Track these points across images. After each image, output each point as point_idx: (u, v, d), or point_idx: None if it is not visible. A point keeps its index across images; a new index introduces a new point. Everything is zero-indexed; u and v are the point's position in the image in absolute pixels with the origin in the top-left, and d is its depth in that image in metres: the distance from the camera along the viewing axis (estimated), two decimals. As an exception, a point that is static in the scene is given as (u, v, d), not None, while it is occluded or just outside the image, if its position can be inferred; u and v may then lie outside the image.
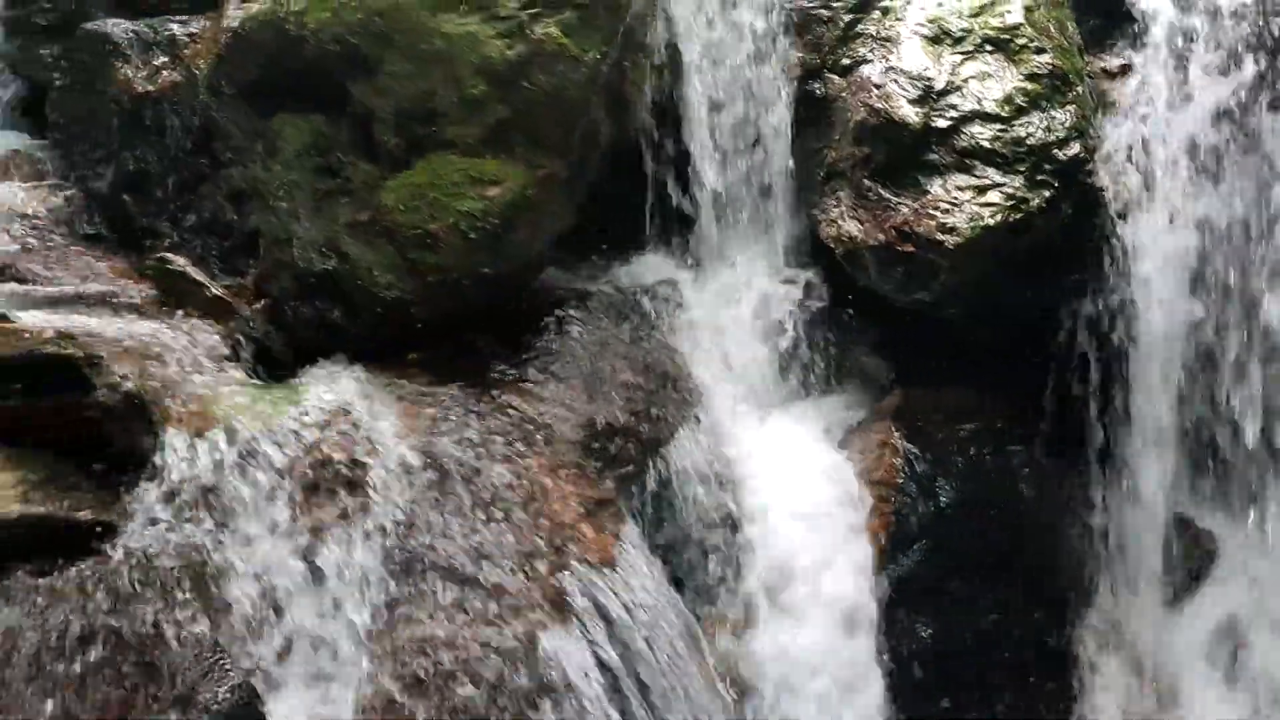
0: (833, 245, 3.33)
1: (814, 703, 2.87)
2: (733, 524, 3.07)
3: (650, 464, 3.02)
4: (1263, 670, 3.05)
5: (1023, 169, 3.03)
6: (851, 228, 3.27)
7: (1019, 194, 3.01)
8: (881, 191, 3.21)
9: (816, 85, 3.45)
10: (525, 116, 2.98)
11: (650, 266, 3.58)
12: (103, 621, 2.13)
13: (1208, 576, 3.11)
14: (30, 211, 3.39)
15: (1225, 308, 2.98)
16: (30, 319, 2.46)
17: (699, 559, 3.03)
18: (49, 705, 2.04)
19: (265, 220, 3.05)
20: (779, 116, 3.53)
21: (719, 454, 3.18)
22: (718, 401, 3.30)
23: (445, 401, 2.86)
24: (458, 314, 3.07)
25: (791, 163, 3.51)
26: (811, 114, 3.47)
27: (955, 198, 3.05)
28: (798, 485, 3.16)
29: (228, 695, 2.10)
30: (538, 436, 2.89)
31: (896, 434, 3.15)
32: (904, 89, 3.17)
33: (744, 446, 3.24)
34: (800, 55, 3.50)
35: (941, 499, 3.06)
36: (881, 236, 3.16)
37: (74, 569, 2.20)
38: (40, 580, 2.17)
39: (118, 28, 3.42)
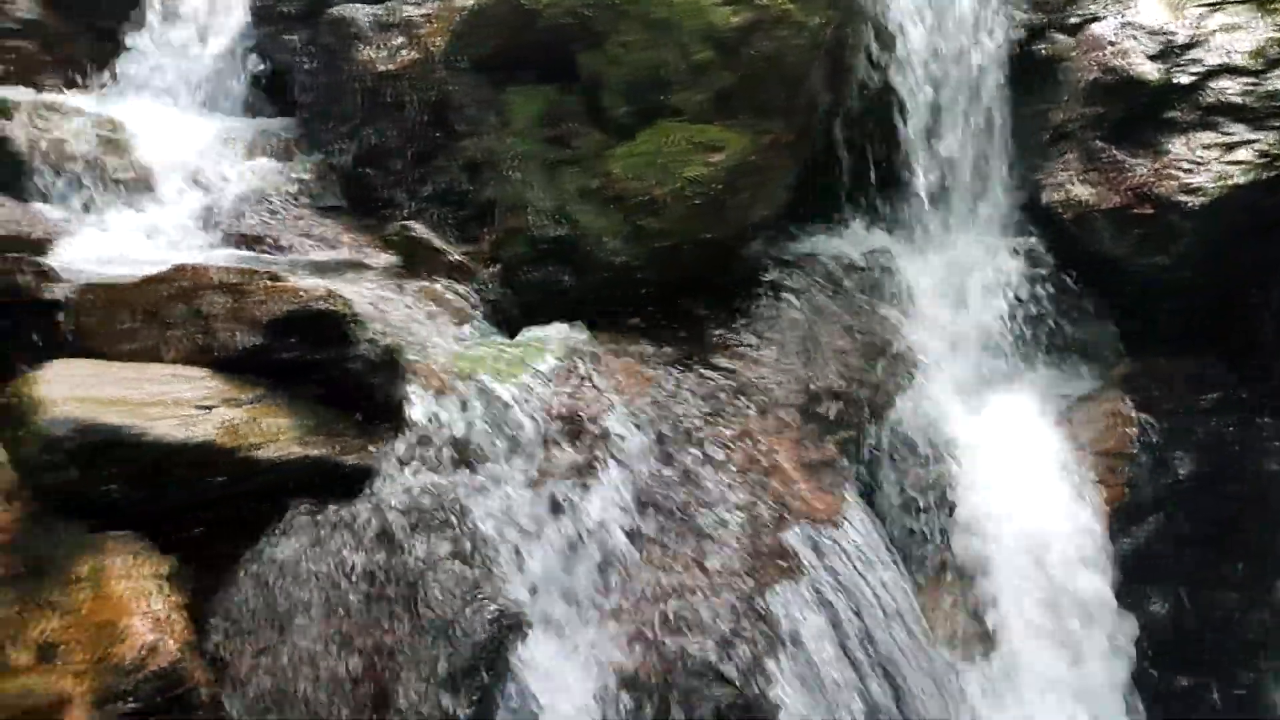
0: (1060, 210, 3.25)
1: (1036, 672, 2.81)
2: (951, 492, 3.04)
3: (868, 429, 3.02)
4: None
5: (1277, 124, 2.87)
6: (1082, 191, 3.18)
7: (1273, 150, 2.85)
8: (1115, 152, 3.11)
9: (1041, 46, 3.36)
10: (749, 83, 3.02)
11: (863, 236, 3.57)
12: (371, 554, 2.29)
13: None
14: (280, 186, 3.65)
15: None
16: (299, 280, 2.66)
17: (916, 524, 3.01)
18: (327, 626, 2.21)
19: (499, 189, 3.19)
20: (999, 79, 3.46)
21: (937, 422, 3.15)
22: (934, 370, 3.27)
23: (666, 363, 2.95)
24: (676, 279, 3.14)
25: (1012, 127, 3.43)
26: (1034, 76, 3.38)
27: (1199, 156, 2.92)
28: (1019, 455, 3.10)
29: (485, 627, 2.23)
30: (757, 399, 2.94)
31: (1128, 403, 3.05)
32: (1142, 45, 3.05)
33: (962, 415, 3.20)
34: (1022, 15, 3.42)
35: (1179, 470, 2.94)
36: (1117, 199, 3.06)
37: (344, 506, 2.37)
38: (315, 515, 2.34)
39: (359, 12, 3.63)
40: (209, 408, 2.35)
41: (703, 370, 2.94)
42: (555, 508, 2.49)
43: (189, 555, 2.28)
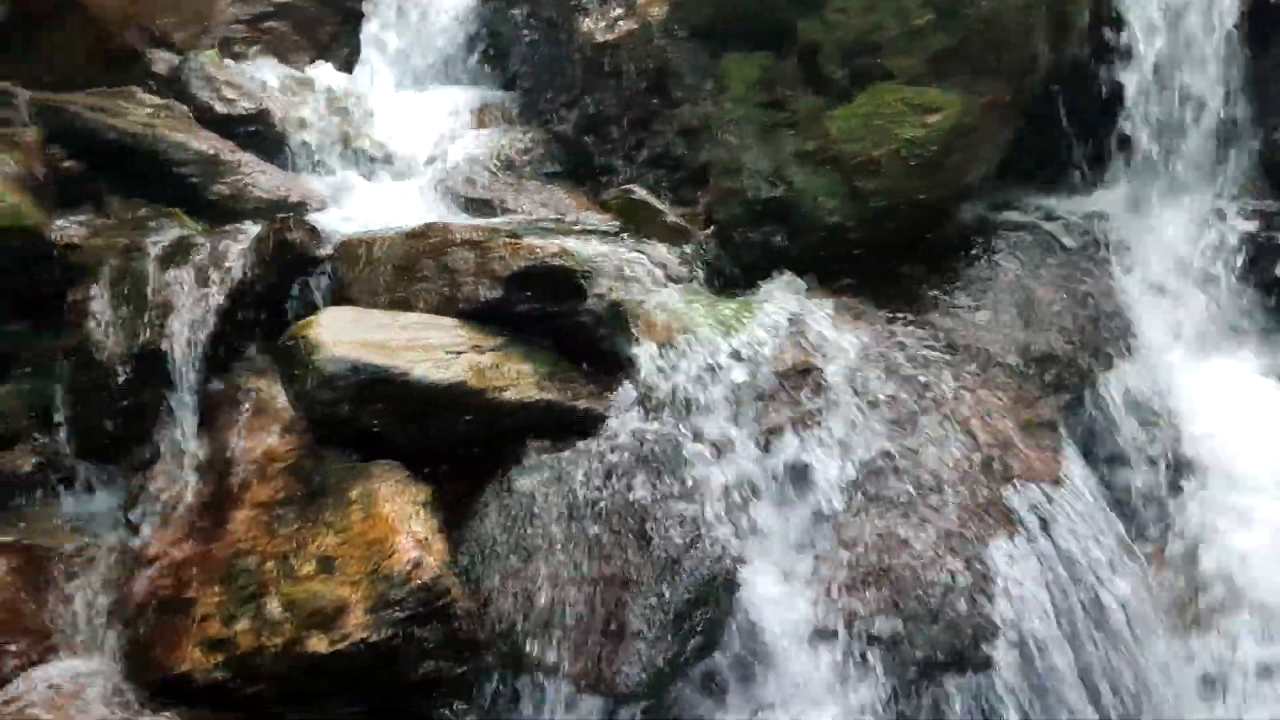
0: (1298, 168, 3.11)
1: (1262, 665, 2.74)
2: (1175, 458, 2.97)
3: (1087, 392, 2.99)
4: None
5: None
6: (1323, 148, 3.03)
7: None
8: (1363, 107, 2.95)
9: (1282, -6, 3.20)
10: (966, 44, 3.02)
11: (1081, 196, 3.49)
12: (603, 491, 2.46)
13: None
14: (504, 153, 3.87)
15: None
16: (535, 239, 2.85)
17: (1138, 489, 2.96)
18: (564, 556, 2.39)
19: (715, 152, 3.30)
20: (1234, 31, 3.32)
21: (1159, 387, 3.08)
22: (1157, 336, 3.19)
23: (882, 321, 2.99)
24: (889, 240, 3.18)
25: (1249, 81, 3.29)
26: (1273, 26, 3.22)
27: None
28: (1247, 421, 3.00)
29: (709, 566, 2.36)
30: (973, 358, 2.95)
31: (1372, 371, 2.90)
32: (1399, -10, 2.88)
33: (1186, 382, 3.11)
34: (1262, -37, 3.26)
35: None
36: (1363, 157, 2.91)
37: (577, 447, 2.54)
38: (551, 454, 2.53)
39: (580, -15, 3.80)
40: (458, 353, 2.56)
41: (918, 329, 2.97)
42: (773, 456, 2.59)
43: (440, 486, 2.51)
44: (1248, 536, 2.78)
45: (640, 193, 3.31)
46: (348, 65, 4.26)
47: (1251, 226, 3.27)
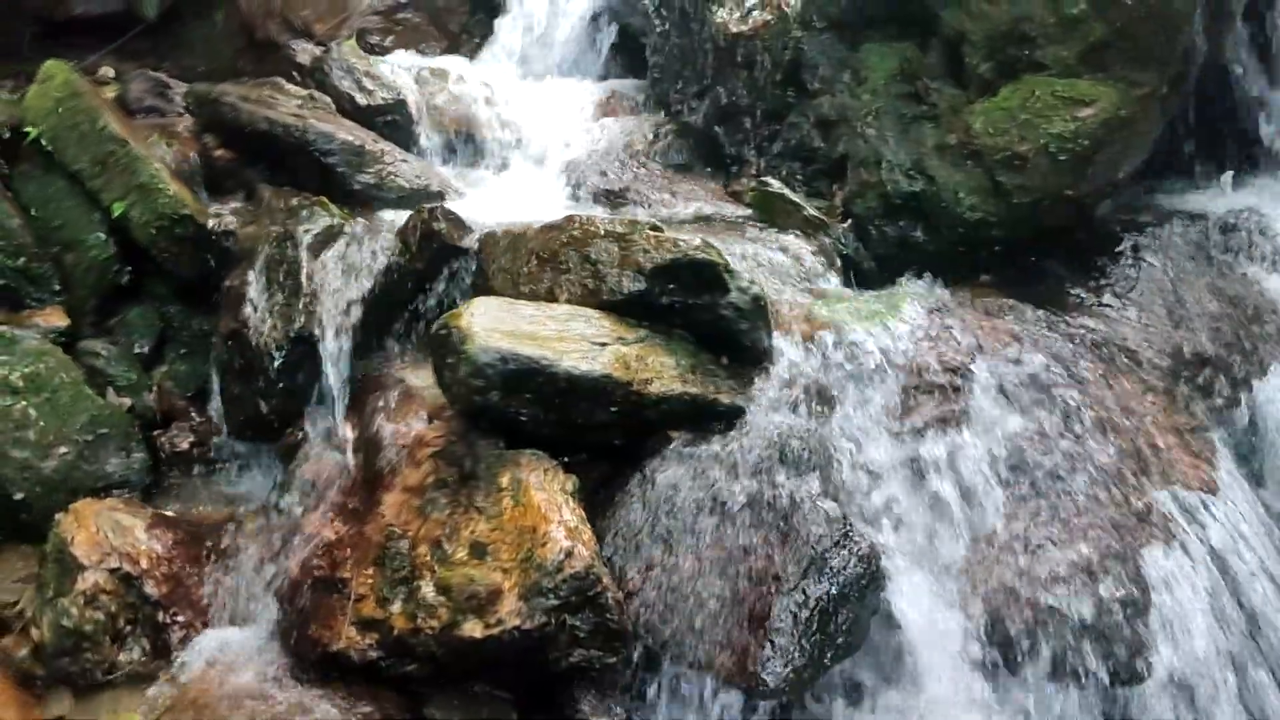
0: None
1: None
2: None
3: (1243, 396, 2.89)
4: None
5: None
6: None
7: None
8: None
9: None
10: (1124, 34, 2.94)
11: (1230, 193, 3.38)
12: (745, 485, 2.46)
13: None
14: (634, 144, 3.87)
15: None
16: (677, 232, 2.85)
17: (1291, 500, 2.86)
18: (708, 549, 2.40)
19: (852, 145, 3.27)
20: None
21: (1317, 394, 2.96)
22: (1314, 337, 3.07)
23: (1025, 320, 2.93)
24: (1032, 237, 3.12)
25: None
26: None
27: None
28: None
29: (855, 563, 2.34)
30: (1121, 359, 2.88)
31: None
32: None
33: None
34: None
35: None
36: None
37: (718, 442, 2.55)
38: (694, 447, 2.54)
39: (714, -25, 3.78)
40: (603, 344, 2.58)
41: (1062, 327, 2.91)
42: (918, 454, 2.56)
43: (582, 477, 2.53)
44: None
45: (776, 185, 3.29)
46: (478, 55, 4.32)
47: None
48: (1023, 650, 2.36)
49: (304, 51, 3.91)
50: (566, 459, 2.56)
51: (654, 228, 2.81)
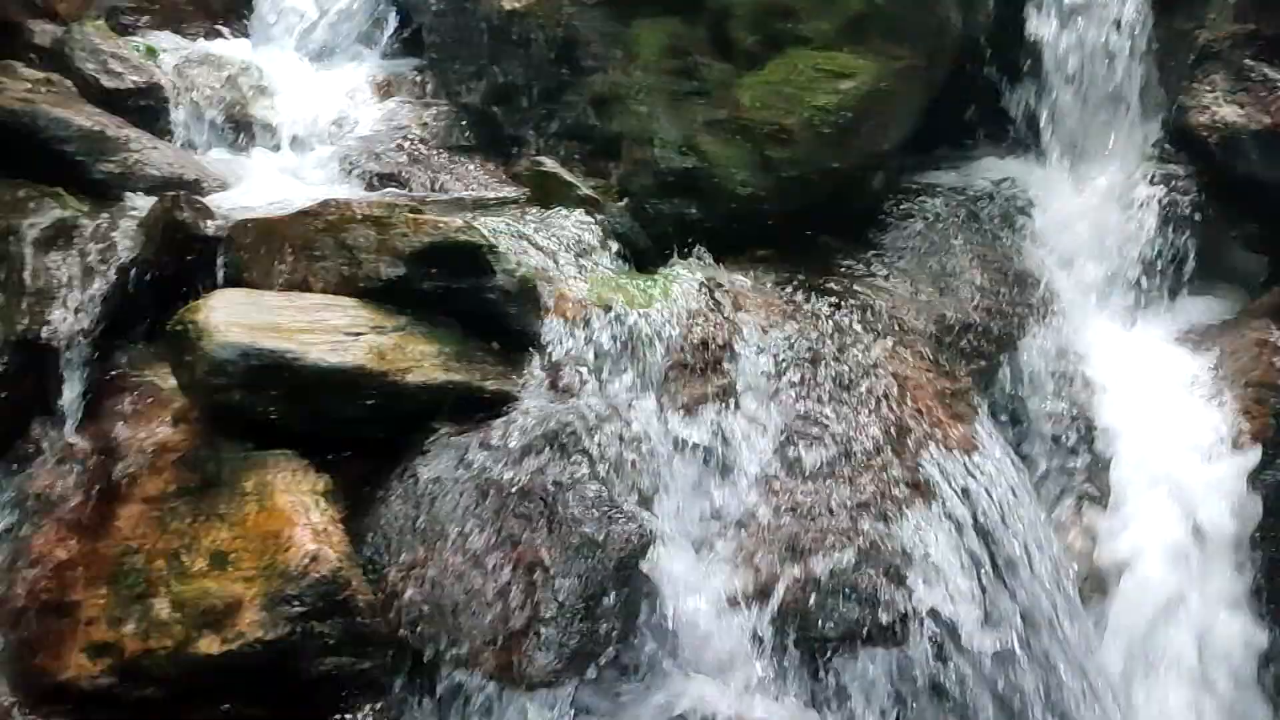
0: (1205, 133, 3.14)
1: (1173, 614, 2.77)
2: (1087, 425, 2.98)
3: (1004, 360, 2.99)
4: None
5: None
6: (1229, 113, 3.07)
7: None
8: (1267, 71, 2.99)
9: (1187, -37, 3.22)
10: (881, 7, 2.98)
11: (995, 164, 3.50)
12: (512, 474, 2.38)
13: None
14: (411, 128, 3.74)
15: None
16: (439, 213, 2.74)
17: (1050, 456, 2.97)
18: (472, 542, 2.31)
19: (626, 123, 3.22)
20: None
21: (1073, 354, 3.09)
22: (1072, 302, 3.20)
23: (797, 294, 2.96)
24: (804, 210, 3.14)
25: (1154, 49, 3.30)
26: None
27: (1360, 71, 2.78)
28: (1159, 387, 3.03)
29: (622, 546, 2.29)
30: (889, 328, 2.93)
31: (1276, 332, 2.94)
32: (1300, -45, 2.90)
33: (1100, 347, 3.13)
34: (1165, -69, 3.28)
35: (1330, 401, 2.84)
36: (1267, 120, 2.96)
37: (486, 429, 2.46)
38: (459, 437, 2.44)
39: (486, -48, 3.67)
40: (358, 334, 2.45)
41: (834, 299, 2.94)
42: (687, 431, 2.53)
43: (341, 474, 2.41)
44: (1158, 502, 2.81)
45: (550, 164, 3.22)
46: (245, 36, 4.09)
47: (1161, 192, 3.29)
48: (792, 618, 2.36)
49: (44, 32, 3.60)
50: (329, 457, 2.42)
51: (414, 210, 2.70)
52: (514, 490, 2.36)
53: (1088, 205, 3.36)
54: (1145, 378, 3.04)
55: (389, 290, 2.55)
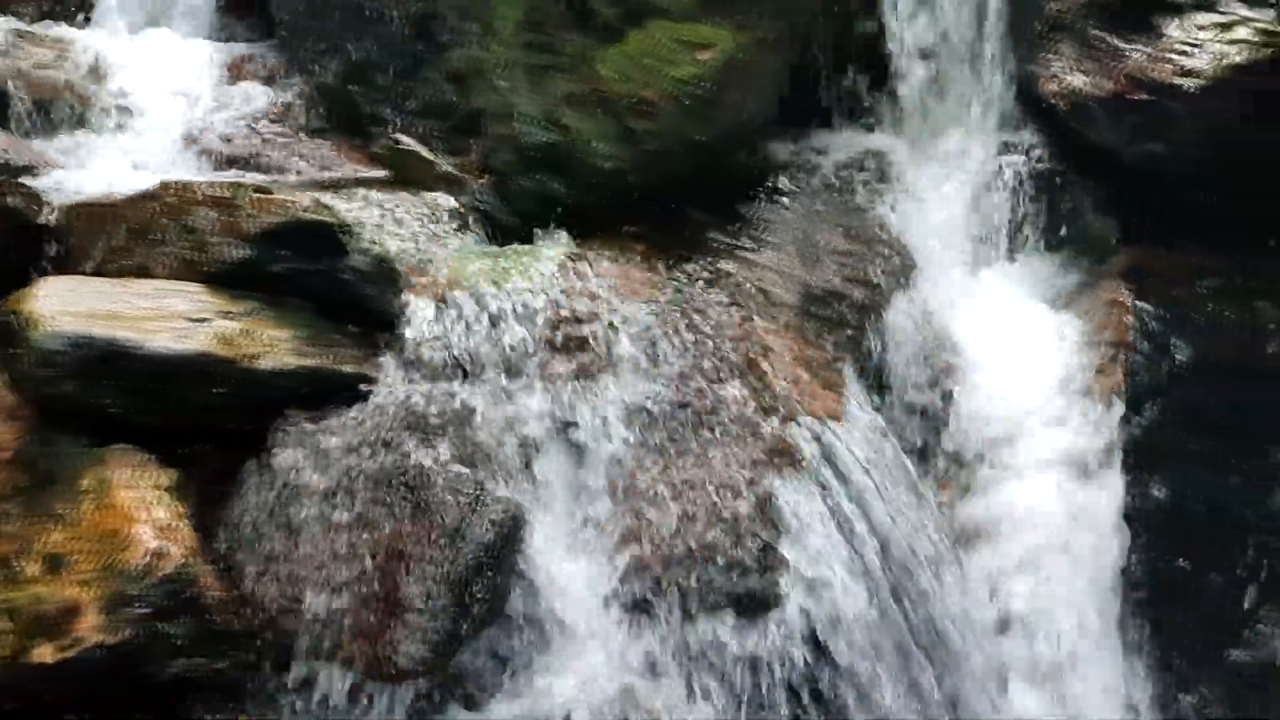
0: (1055, 101, 3.22)
1: (1041, 561, 2.84)
2: (952, 386, 3.04)
3: (869, 327, 3.02)
4: None
5: (1274, 2, 2.82)
6: (1077, 80, 3.14)
7: (1271, 28, 2.81)
8: (1111, 40, 3.07)
9: (1036, -66, 3.29)
10: (737, -22, 2.97)
11: (858, 139, 3.52)
12: (374, 461, 2.30)
13: None
14: (264, 108, 3.59)
15: None
16: (287, 193, 2.63)
17: (917, 420, 3.02)
18: (332, 532, 2.22)
19: (486, 98, 3.14)
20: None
21: (936, 318, 3.14)
22: (933, 268, 3.25)
23: (664, 267, 2.93)
24: (670, 184, 3.11)
25: (1006, 20, 3.37)
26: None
27: (1196, 38, 2.88)
28: (1018, 347, 3.10)
29: (490, 528, 2.24)
30: (756, 300, 2.92)
31: (1126, 292, 3.03)
32: (1139, -74, 2.99)
33: (961, 311, 3.19)
34: (1013, -97, 3.34)
35: (1177, 357, 2.94)
36: (1111, 85, 3.03)
37: (343, 416, 2.37)
38: (315, 424, 2.35)
39: (336, -76, 3.55)
40: (204, 320, 2.34)
41: (701, 274, 2.92)
42: (555, 411, 2.49)
43: (193, 468, 2.30)
44: (1020, 459, 2.87)
45: (408, 142, 3.13)
46: (84, 14, 3.87)
47: (1018, 160, 3.36)
48: (668, 593, 2.34)
49: None
50: (180, 450, 2.31)
51: (260, 189, 2.59)
52: (375, 477, 2.29)
53: (948, 174, 3.41)
54: (1006, 341, 3.10)
55: (237, 274, 2.44)
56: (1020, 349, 3.07)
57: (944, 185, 3.39)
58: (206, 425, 2.34)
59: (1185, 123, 2.97)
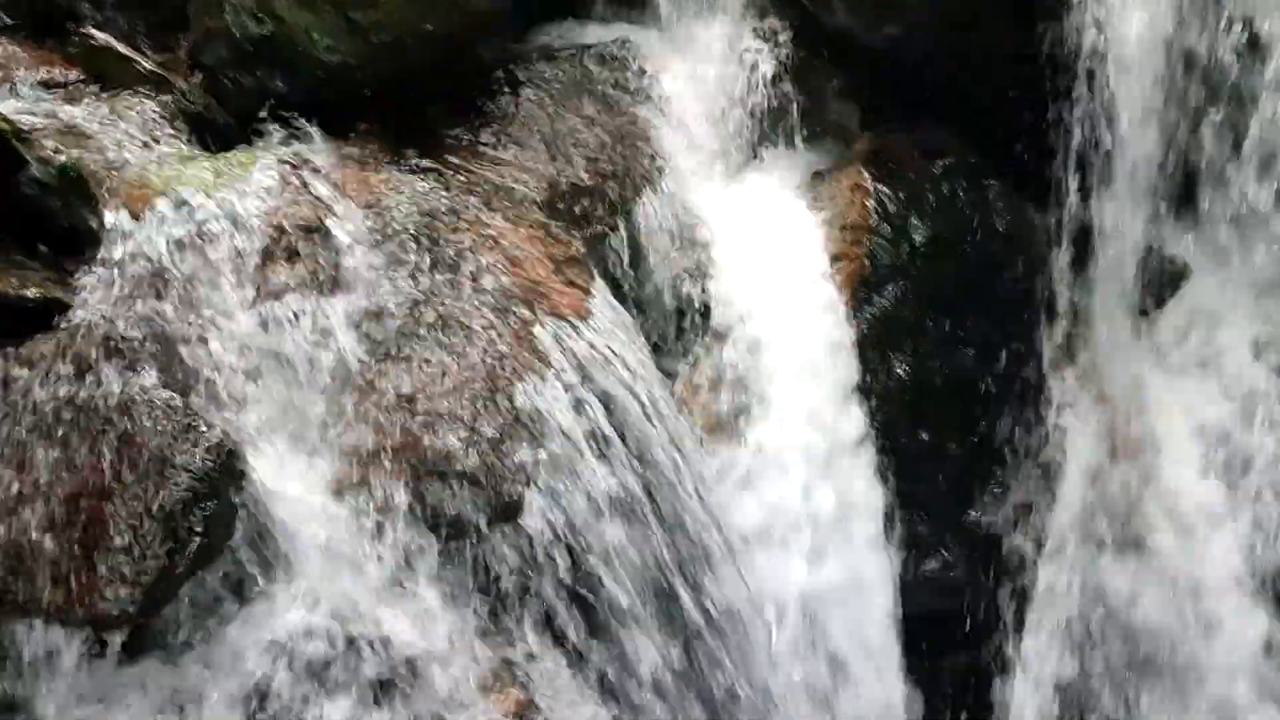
0: (797, -16, 3.19)
1: (795, 442, 2.88)
2: (703, 277, 3.02)
3: (618, 223, 2.95)
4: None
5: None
6: (816, -38, 3.12)
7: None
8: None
9: None
10: None
11: (608, 30, 3.42)
12: (70, 392, 2.09)
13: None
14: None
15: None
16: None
17: (670, 317, 3.00)
18: (23, 474, 2.01)
19: (192, -13, 2.86)
20: None
21: (687, 211, 3.10)
22: (684, 160, 3.20)
23: (399, 168, 2.78)
24: (405, 79, 2.92)
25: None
26: None
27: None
28: (767, 236, 3.11)
29: (205, 456, 2.07)
30: (499, 199, 2.81)
31: (867, 176, 3.08)
32: None
33: (712, 203, 3.16)
34: None
35: (915, 238, 3.01)
36: (848, -33, 3.02)
37: (33, 345, 2.14)
38: (2, 356, 2.11)
39: None
40: None
41: (439, 172, 2.78)
42: (277, 326, 2.32)
43: None
44: (773, 350, 2.90)
45: (102, 38, 2.81)
46: None
47: (765, 47, 3.33)
48: (413, 507, 2.24)
49: None
50: None
51: (-87, 96, 2.26)
52: (69, 412, 2.07)
53: (697, 64, 3.35)
54: (755, 230, 3.10)
55: (-112, 194, 2.14)
56: (769, 238, 3.08)
57: (694, 75, 3.34)
58: None
59: (919, 8, 3.00)
